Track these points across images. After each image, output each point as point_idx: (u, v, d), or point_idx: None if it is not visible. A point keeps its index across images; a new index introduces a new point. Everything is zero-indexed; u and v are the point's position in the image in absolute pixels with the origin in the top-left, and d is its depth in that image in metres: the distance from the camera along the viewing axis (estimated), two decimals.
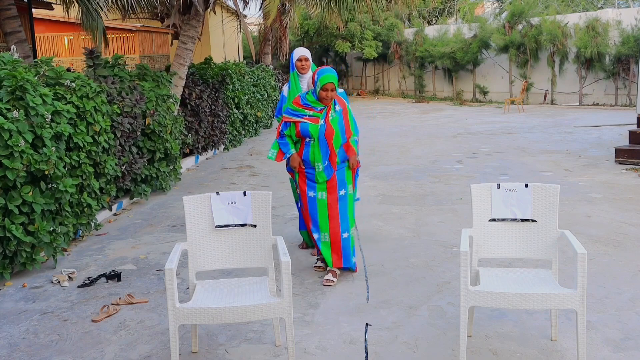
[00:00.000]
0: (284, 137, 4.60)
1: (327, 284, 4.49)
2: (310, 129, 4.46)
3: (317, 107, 4.47)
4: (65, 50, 17.98)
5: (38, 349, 3.61)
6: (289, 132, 4.58)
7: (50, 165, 4.92)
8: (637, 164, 8.58)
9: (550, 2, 24.23)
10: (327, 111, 4.50)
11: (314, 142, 4.49)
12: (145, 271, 4.95)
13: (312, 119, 4.47)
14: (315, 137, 4.47)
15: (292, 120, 4.53)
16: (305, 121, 4.47)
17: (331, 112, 4.50)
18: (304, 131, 4.48)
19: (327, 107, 4.49)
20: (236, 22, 18.05)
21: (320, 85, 4.37)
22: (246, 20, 17.48)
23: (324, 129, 4.46)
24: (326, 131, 4.46)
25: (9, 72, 4.86)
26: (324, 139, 4.47)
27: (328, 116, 4.48)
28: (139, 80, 7.97)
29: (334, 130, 4.46)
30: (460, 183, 7.88)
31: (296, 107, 4.54)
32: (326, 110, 4.49)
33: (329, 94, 4.39)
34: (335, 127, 4.48)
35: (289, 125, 4.56)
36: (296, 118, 4.51)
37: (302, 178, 4.61)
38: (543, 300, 3.06)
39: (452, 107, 20.00)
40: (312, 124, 4.46)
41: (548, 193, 3.46)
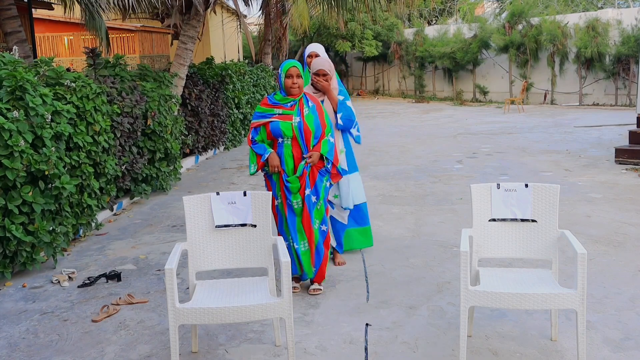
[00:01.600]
0: (256, 143, 4.33)
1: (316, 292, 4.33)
2: (281, 127, 4.19)
3: (286, 102, 4.23)
4: (65, 50, 17.98)
5: (38, 349, 3.61)
6: (260, 137, 4.31)
7: (50, 165, 4.92)
8: (637, 164, 8.58)
9: (550, 2, 24.24)
10: (300, 107, 4.23)
11: (288, 142, 4.23)
12: (145, 271, 4.95)
13: (283, 117, 4.21)
14: (289, 135, 4.19)
15: (260, 123, 4.28)
16: (275, 120, 4.22)
17: (304, 109, 4.24)
18: (274, 130, 4.21)
19: (298, 101, 4.23)
20: (236, 22, 18.06)
21: (284, 73, 4.16)
22: (246, 20, 17.48)
23: (301, 126, 4.20)
24: (304, 128, 4.20)
25: (9, 72, 4.86)
26: (302, 137, 4.20)
27: (303, 112, 4.22)
28: (140, 80, 7.97)
29: (310, 130, 4.21)
30: (460, 183, 7.88)
31: (264, 108, 4.30)
32: (299, 106, 4.23)
33: (294, 80, 4.15)
34: (310, 125, 4.21)
35: (259, 130, 4.31)
36: (264, 120, 4.26)
37: (282, 181, 4.28)
38: (543, 300, 3.06)
39: (452, 107, 20.00)
40: (282, 121, 4.20)
41: (548, 193, 3.46)
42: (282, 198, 4.32)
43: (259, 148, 4.30)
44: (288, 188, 4.25)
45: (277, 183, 4.33)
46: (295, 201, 4.26)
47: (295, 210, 4.29)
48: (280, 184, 4.30)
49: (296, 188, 4.24)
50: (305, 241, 4.32)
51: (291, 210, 4.29)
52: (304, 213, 4.28)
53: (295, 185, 4.23)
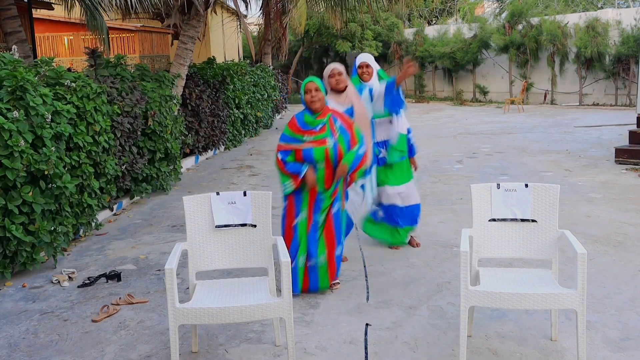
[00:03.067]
0: (288, 163, 4.21)
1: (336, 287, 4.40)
2: (314, 153, 4.11)
3: (316, 125, 4.16)
4: (65, 50, 17.97)
5: (38, 349, 3.61)
6: (292, 159, 4.20)
7: (50, 165, 4.92)
8: (637, 164, 8.58)
9: (550, 2, 24.24)
10: (330, 127, 4.17)
11: (321, 167, 4.15)
12: (145, 271, 4.95)
13: (315, 143, 4.13)
14: (322, 160, 4.12)
15: (290, 147, 4.19)
16: (308, 146, 4.14)
17: (335, 129, 4.18)
18: (307, 157, 4.13)
19: (327, 122, 4.17)
20: (236, 22, 18.06)
21: (303, 90, 4.16)
22: (246, 20, 17.48)
23: (336, 147, 4.14)
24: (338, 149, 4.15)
25: (10, 72, 4.86)
26: (336, 160, 4.15)
27: (335, 135, 4.16)
28: (141, 80, 7.97)
29: (343, 152, 4.16)
30: (460, 183, 7.88)
31: (294, 132, 4.21)
32: (329, 127, 4.17)
33: (312, 94, 4.11)
34: (343, 147, 4.16)
35: (289, 152, 4.20)
36: (295, 144, 4.17)
37: (313, 197, 4.20)
38: (543, 300, 3.06)
39: (452, 107, 20.00)
40: (315, 148, 4.12)
41: (548, 193, 3.46)
42: (307, 215, 4.24)
43: (293, 167, 4.18)
44: (319, 205, 4.22)
45: (304, 201, 4.24)
46: (323, 215, 4.24)
47: (319, 227, 4.25)
48: (310, 201, 4.23)
49: (327, 205, 4.24)
50: (324, 255, 4.27)
51: (315, 227, 4.24)
52: (327, 226, 4.26)
53: (327, 202, 4.23)
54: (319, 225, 4.24)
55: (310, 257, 4.25)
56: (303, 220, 4.25)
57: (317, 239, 4.25)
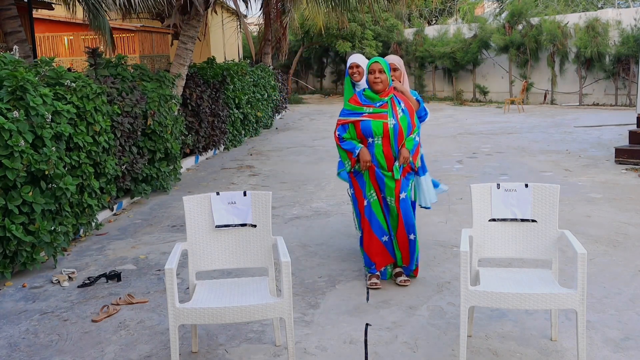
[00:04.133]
0: (344, 140, 4.29)
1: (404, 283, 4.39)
2: (373, 126, 4.15)
3: (377, 101, 4.20)
4: (65, 50, 17.97)
5: (38, 349, 3.61)
6: (348, 135, 4.26)
7: (50, 165, 4.92)
8: (637, 164, 8.58)
9: (550, 2, 24.24)
10: (392, 107, 4.21)
11: (379, 142, 4.18)
12: (145, 271, 4.95)
13: (374, 115, 4.18)
14: (380, 135, 4.16)
15: (349, 121, 4.23)
16: (366, 118, 4.18)
17: (398, 110, 4.21)
18: (365, 130, 4.17)
19: (390, 101, 4.21)
20: (236, 22, 18.06)
21: (367, 69, 4.17)
22: (246, 20, 17.48)
23: (397, 128, 4.17)
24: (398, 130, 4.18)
25: (10, 72, 4.86)
26: (396, 139, 4.18)
27: (397, 113, 4.20)
28: (141, 80, 7.97)
29: (404, 131, 4.20)
30: (460, 183, 7.88)
31: (354, 105, 4.26)
32: (391, 106, 4.21)
33: (376, 75, 4.15)
34: (404, 127, 4.20)
35: (347, 127, 4.26)
36: (354, 117, 4.22)
37: (373, 177, 4.25)
38: (543, 300, 3.06)
39: (452, 107, 20.00)
40: (374, 120, 4.16)
41: (548, 193, 3.46)
42: (377, 194, 4.29)
43: (347, 145, 4.27)
44: (383, 184, 4.24)
45: (367, 182, 4.29)
46: (390, 198, 4.25)
47: (390, 209, 4.28)
48: (372, 182, 4.28)
49: (392, 186, 4.22)
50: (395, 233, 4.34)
51: (387, 207, 4.29)
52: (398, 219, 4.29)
53: (391, 183, 4.22)
54: (390, 207, 4.28)
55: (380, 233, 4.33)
56: (375, 200, 4.30)
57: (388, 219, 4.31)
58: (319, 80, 27.37)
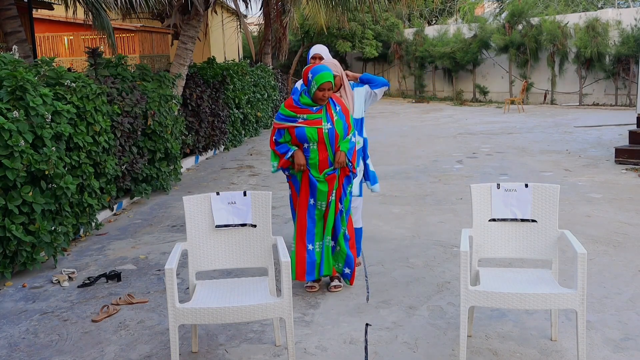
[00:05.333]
0: (279, 144, 4.23)
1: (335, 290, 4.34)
2: (307, 132, 4.08)
3: (313, 106, 4.13)
4: (65, 50, 17.98)
5: (38, 349, 3.61)
6: (284, 140, 4.19)
7: (50, 165, 4.92)
8: (637, 164, 8.58)
9: (550, 2, 24.24)
10: (328, 111, 4.13)
11: (314, 147, 4.12)
12: (145, 271, 4.95)
13: (309, 122, 4.10)
14: (315, 140, 4.10)
15: (284, 126, 4.16)
16: (301, 125, 4.11)
17: (333, 114, 4.13)
18: (300, 136, 4.10)
19: (324, 106, 4.14)
20: (236, 22, 18.06)
21: (317, 85, 4.01)
22: (246, 20, 17.49)
23: (332, 132, 4.10)
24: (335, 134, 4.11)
25: (10, 72, 4.86)
26: (332, 143, 4.12)
27: (333, 118, 4.12)
28: (142, 80, 7.97)
29: (339, 135, 4.13)
30: (460, 183, 7.88)
31: (289, 111, 4.16)
32: (327, 110, 4.13)
33: (326, 94, 4.05)
34: (339, 131, 4.13)
35: (283, 132, 4.18)
36: (289, 123, 4.14)
37: (305, 182, 4.18)
38: (543, 300, 3.06)
39: (452, 107, 20.00)
40: (308, 127, 4.09)
41: (548, 193, 3.46)
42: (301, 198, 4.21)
43: (282, 148, 4.20)
44: (315, 189, 4.16)
45: (299, 184, 4.22)
46: (320, 203, 4.17)
47: (315, 215, 4.20)
48: (302, 185, 4.20)
49: (324, 190, 4.15)
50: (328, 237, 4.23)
51: (311, 214, 4.20)
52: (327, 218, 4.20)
53: (324, 187, 4.15)
54: (316, 214, 4.20)
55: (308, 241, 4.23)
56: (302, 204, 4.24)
57: (315, 225, 4.22)
58: None
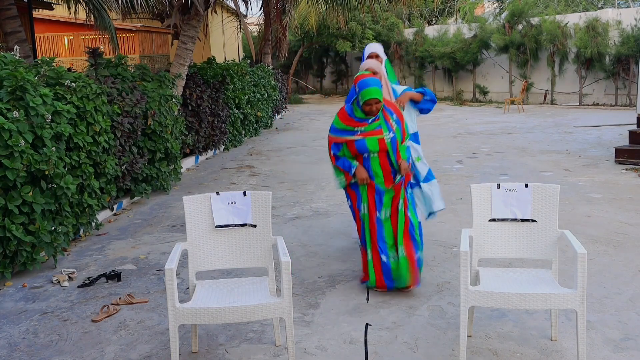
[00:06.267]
0: (339, 158, 4.16)
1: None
2: (368, 144, 4.02)
3: (368, 119, 4.04)
4: (65, 50, 17.99)
5: (38, 349, 3.61)
6: (342, 153, 4.14)
7: (50, 165, 4.92)
8: (637, 164, 8.58)
9: (550, 2, 24.25)
10: (386, 120, 4.05)
11: (375, 156, 4.06)
12: (145, 271, 4.95)
13: (368, 133, 4.03)
14: (376, 151, 4.03)
15: (342, 140, 4.09)
16: (360, 137, 4.04)
17: (392, 123, 4.07)
18: (360, 148, 4.04)
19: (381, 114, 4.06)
20: (236, 22, 18.06)
21: (362, 100, 3.95)
22: (246, 20, 17.49)
23: (394, 140, 4.04)
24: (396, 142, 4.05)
25: (10, 72, 4.86)
26: (394, 151, 4.06)
27: (392, 125, 4.05)
28: (142, 80, 7.97)
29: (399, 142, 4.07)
30: (460, 183, 7.88)
31: (345, 124, 4.09)
32: (384, 119, 4.05)
33: (373, 107, 3.97)
34: (398, 136, 4.07)
35: (340, 146, 4.12)
36: (348, 137, 4.07)
37: (372, 193, 4.13)
38: (543, 300, 3.06)
39: (452, 107, 20.01)
40: (369, 138, 4.02)
41: (548, 193, 3.46)
42: (369, 209, 4.17)
43: (342, 163, 4.15)
44: (381, 199, 4.13)
45: (362, 195, 4.18)
46: (385, 210, 4.14)
47: (383, 221, 4.16)
48: (369, 196, 4.16)
49: (389, 199, 4.13)
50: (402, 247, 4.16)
51: (380, 221, 4.17)
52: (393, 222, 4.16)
53: (390, 196, 4.13)
54: (383, 220, 4.16)
55: (380, 252, 4.19)
56: (365, 214, 4.21)
57: (384, 234, 4.17)
58: (319, 80, 27.38)
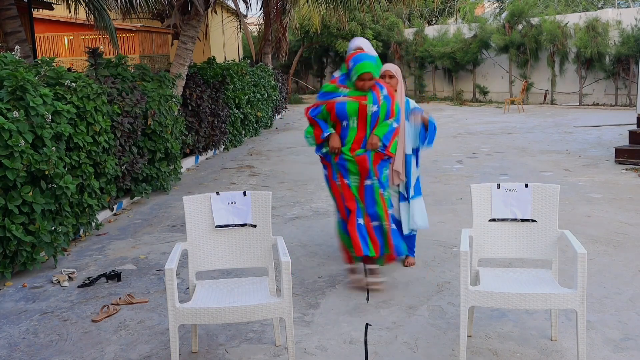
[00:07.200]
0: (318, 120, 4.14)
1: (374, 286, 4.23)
2: (348, 108, 3.97)
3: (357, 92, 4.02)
4: (65, 50, 17.99)
5: (38, 349, 3.62)
6: (321, 116, 4.10)
7: (50, 165, 4.92)
8: (637, 164, 8.58)
9: (550, 2, 24.25)
10: (375, 92, 4.02)
11: (354, 125, 4.01)
12: (145, 271, 4.95)
13: (352, 97, 3.99)
14: (355, 116, 3.98)
15: (323, 102, 4.04)
16: (343, 100, 3.99)
17: (381, 97, 4.03)
18: (340, 111, 4.00)
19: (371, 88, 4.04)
20: (236, 22, 18.07)
21: (357, 74, 3.94)
22: (246, 20, 17.49)
23: (376, 115, 4.01)
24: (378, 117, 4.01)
25: (10, 72, 4.86)
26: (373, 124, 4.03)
27: (380, 100, 4.01)
28: (142, 80, 7.97)
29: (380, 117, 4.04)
30: (460, 183, 7.88)
31: (331, 86, 4.07)
32: (373, 92, 4.02)
33: (366, 84, 3.98)
34: (382, 113, 4.04)
35: (319, 109, 4.07)
36: (332, 98, 4.01)
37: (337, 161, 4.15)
38: (543, 300, 3.06)
39: (452, 107, 20.00)
40: (350, 102, 3.98)
41: (548, 193, 3.46)
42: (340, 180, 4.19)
43: (320, 122, 4.11)
44: (345, 168, 4.11)
45: (335, 165, 4.19)
46: (354, 178, 4.13)
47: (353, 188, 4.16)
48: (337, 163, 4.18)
49: (354, 169, 4.11)
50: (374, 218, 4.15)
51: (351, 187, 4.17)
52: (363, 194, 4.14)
53: (353, 167, 4.11)
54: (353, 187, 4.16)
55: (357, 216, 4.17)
56: (339, 183, 4.21)
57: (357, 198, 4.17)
58: (319, 80, 27.36)
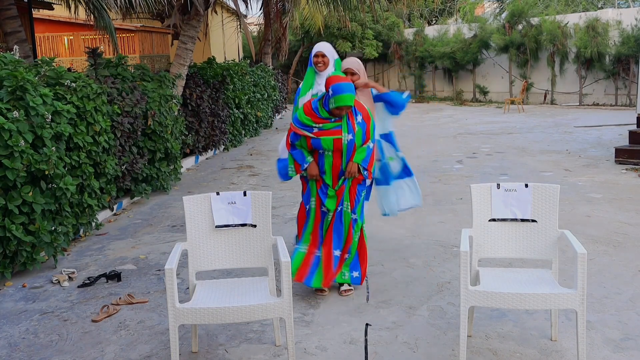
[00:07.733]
0: (295, 148, 4.20)
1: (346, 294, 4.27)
2: (322, 143, 4.06)
3: (331, 119, 4.06)
4: (65, 50, 17.98)
5: (38, 349, 3.62)
6: (300, 144, 4.17)
7: (50, 165, 4.92)
8: (637, 164, 8.58)
9: (550, 2, 24.25)
10: (349, 120, 4.06)
11: (329, 154, 4.10)
12: (145, 271, 4.95)
13: (325, 132, 4.06)
14: (330, 149, 4.07)
15: (301, 133, 4.12)
16: (314, 137, 4.07)
17: (355, 125, 4.08)
18: (315, 144, 4.09)
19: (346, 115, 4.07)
20: (236, 22, 18.06)
21: (335, 105, 3.96)
22: (246, 20, 17.49)
23: (352, 142, 4.07)
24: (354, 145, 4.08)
25: (10, 72, 4.86)
26: (349, 152, 4.10)
27: (354, 127, 4.07)
28: (142, 80, 7.97)
29: (357, 145, 4.10)
30: (460, 183, 7.88)
31: (306, 117, 4.10)
32: (348, 119, 4.06)
33: (342, 113, 4.01)
34: (358, 141, 4.09)
35: (299, 136, 4.15)
36: (305, 131, 4.09)
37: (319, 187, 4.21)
38: (543, 300, 3.06)
39: (452, 107, 20.01)
40: (324, 137, 4.05)
41: (548, 193, 3.46)
42: (316, 203, 4.24)
43: (297, 155, 4.19)
44: (326, 193, 4.18)
45: (312, 189, 4.25)
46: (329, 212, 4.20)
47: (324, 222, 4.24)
48: (317, 191, 4.23)
49: (333, 200, 4.17)
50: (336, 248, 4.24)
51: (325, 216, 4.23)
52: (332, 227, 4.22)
53: (333, 198, 4.17)
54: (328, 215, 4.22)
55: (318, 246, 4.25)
56: (313, 208, 4.27)
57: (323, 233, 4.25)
58: None
